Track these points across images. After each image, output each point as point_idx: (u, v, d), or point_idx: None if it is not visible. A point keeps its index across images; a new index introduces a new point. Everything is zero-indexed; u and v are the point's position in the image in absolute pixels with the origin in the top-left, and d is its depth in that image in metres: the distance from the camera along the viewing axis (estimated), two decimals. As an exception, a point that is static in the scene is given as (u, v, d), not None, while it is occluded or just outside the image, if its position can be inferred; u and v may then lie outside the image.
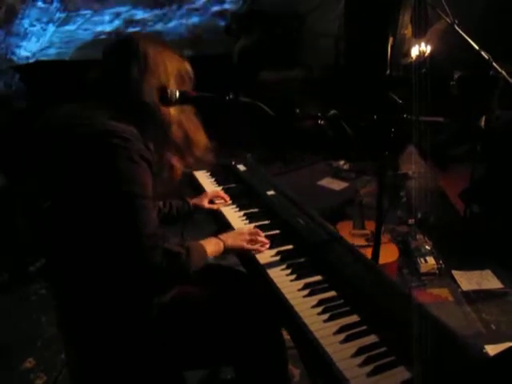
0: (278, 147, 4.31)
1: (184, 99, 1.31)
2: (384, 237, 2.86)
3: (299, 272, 1.42)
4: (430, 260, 2.65)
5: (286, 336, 1.44)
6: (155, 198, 1.26)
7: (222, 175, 2.16)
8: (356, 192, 3.33)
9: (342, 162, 4.03)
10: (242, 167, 2.20)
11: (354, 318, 1.24)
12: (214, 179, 2.13)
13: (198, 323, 1.39)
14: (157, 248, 1.19)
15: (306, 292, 1.34)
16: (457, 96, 4.03)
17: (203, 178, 2.15)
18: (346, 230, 2.89)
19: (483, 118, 2.69)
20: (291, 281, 1.39)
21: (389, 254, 2.67)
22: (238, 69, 4.47)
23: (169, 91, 1.29)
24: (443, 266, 2.64)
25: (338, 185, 3.78)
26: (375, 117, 1.42)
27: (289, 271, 1.44)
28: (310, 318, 1.23)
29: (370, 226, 2.93)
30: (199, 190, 2.05)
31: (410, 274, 2.66)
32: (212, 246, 1.44)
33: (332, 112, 1.42)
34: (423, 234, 2.90)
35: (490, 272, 2.65)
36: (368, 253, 2.64)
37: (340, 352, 1.12)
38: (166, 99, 1.28)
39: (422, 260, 2.66)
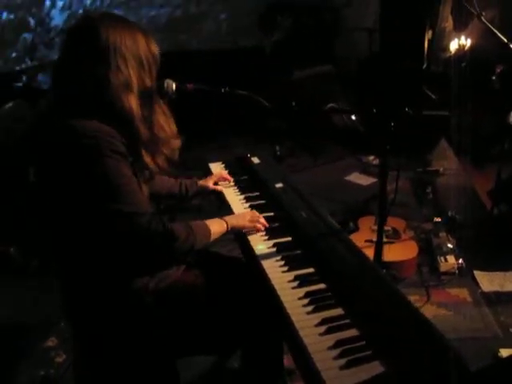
0: (307, 140, 4.30)
1: (181, 92, 1.35)
2: (406, 234, 2.83)
3: (292, 264, 1.43)
4: (451, 259, 2.58)
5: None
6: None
7: (235, 167, 2.19)
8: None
9: (371, 157, 3.97)
10: (256, 160, 2.22)
11: (338, 311, 1.24)
12: (227, 171, 2.16)
13: (195, 310, 1.42)
14: (158, 226, 1.23)
15: (295, 284, 1.35)
16: (498, 91, 3.89)
17: (217, 169, 2.19)
18: (367, 225, 2.86)
19: (511, 114, 2.59)
20: (283, 272, 1.41)
21: (408, 251, 2.63)
22: (270, 63, 4.48)
23: (165, 84, 1.32)
24: (464, 265, 2.57)
25: (365, 180, 3.73)
26: (374, 110, 1.40)
27: (282, 263, 1.45)
28: (294, 308, 1.25)
29: (394, 223, 2.90)
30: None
31: (429, 273, 2.60)
32: (216, 226, 1.48)
33: (330, 105, 1.41)
34: (447, 233, 2.83)
35: (514, 274, 2.56)
36: (386, 249, 2.62)
37: (318, 344, 1.13)
38: (162, 92, 1.32)
39: (443, 259, 2.59)
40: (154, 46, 1.29)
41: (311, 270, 1.42)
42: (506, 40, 2.38)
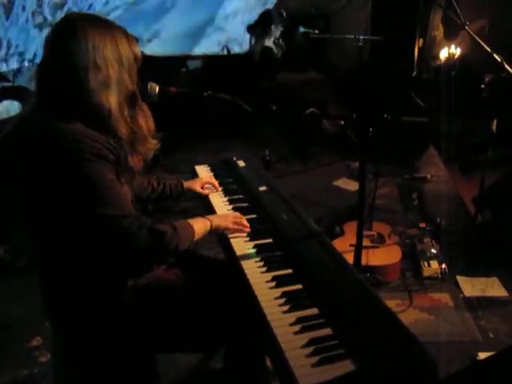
0: (298, 145, 4.34)
1: (163, 95, 1.37)
2: (391, 239, 2.86)
3: (271, 265, 1.46)
4: (434, 264, 2.62)
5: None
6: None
7: (221, 169, 2.22)
8: (369, 193, 3.34)
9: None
10: (241, 163, 2.25)
11: (314, 311, 1.27)
12: (213, 173, 2.19)
13: (174, 307, 1.44)
14: (141, 227, 1.24)
15: (272, 284, 1.38)
16: (487, 99, 3.95)
17: (203, 171, 2.21)
18: (352, 230, 2.88)
19: (494, 122, 2.63)
20: (261, 273, 1.44)
21: (392, 255, 2.67)
22: (259, 69, 4.52)
23: (148, 86, 1.35)
24: (447, 270, 2.61)
25: (353, 185, 3.76)
26: (354, 115, 1.43)
27: (262, 263, 1.48)
28: (270, 308, 1.28)
29: (379, 228, 2.94)
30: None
31: (413, 277, 2.63)
32: (200, 225, 1.49)
33: (310, 110, 1.44)
34: (431, 238, 2.87)
35: (496, 280, 2.59)
36: (370, 254, 2.66)
37: (291, 342, 1.16)
38: (145, 94, 1.34)
39: (426, 264, 2.63)
40: (135, 46, 1.31)
41: (289, 271, 1.44)
42: (489, 50, 2.43)
